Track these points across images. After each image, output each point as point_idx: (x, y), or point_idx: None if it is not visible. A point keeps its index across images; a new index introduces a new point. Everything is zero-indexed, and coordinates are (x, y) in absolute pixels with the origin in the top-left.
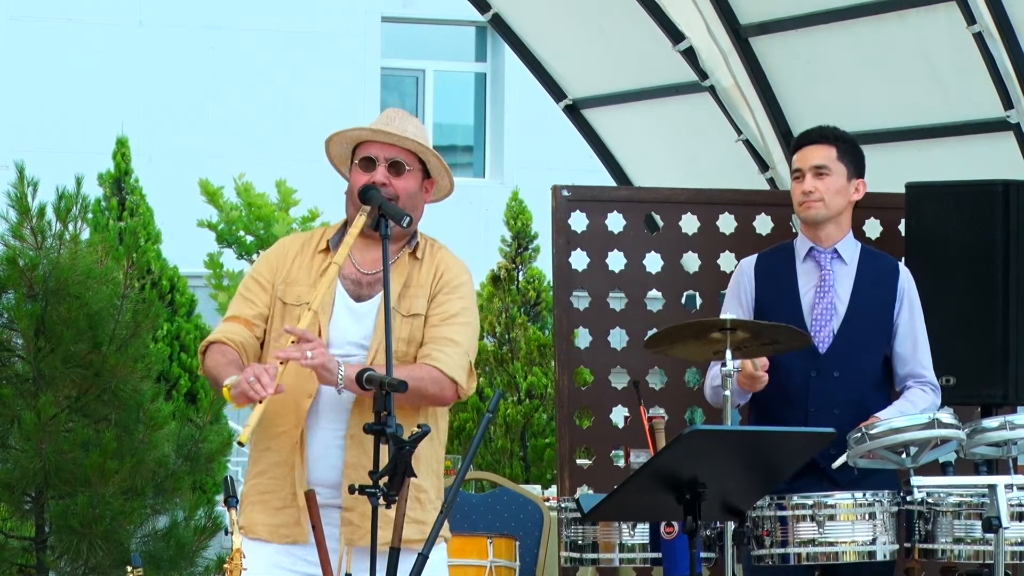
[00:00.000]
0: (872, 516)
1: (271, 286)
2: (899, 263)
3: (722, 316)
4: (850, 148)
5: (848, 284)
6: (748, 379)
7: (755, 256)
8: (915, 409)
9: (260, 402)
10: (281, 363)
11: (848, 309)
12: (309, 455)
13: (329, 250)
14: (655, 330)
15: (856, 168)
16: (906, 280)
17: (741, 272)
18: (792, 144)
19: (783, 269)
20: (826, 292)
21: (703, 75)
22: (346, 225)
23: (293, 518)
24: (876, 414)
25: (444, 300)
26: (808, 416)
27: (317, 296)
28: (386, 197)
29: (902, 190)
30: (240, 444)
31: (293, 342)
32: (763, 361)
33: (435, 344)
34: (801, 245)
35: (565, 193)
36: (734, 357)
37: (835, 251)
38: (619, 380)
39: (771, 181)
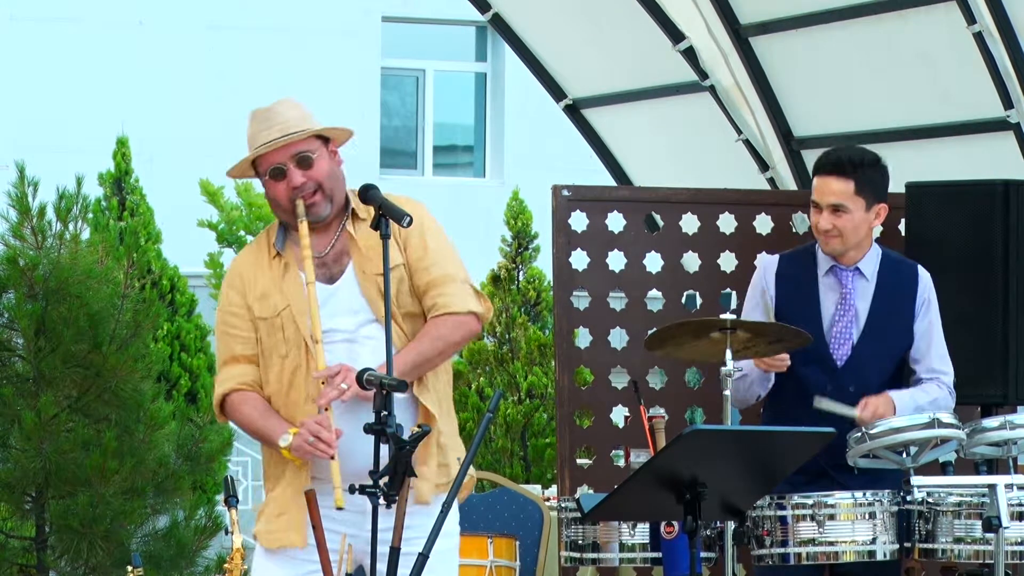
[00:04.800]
0: (872, 516)
1: (246, 311)
2: (918, 267)
3: (744, 317)
4: (871, 176)
5: (868, 299)
6: (766, 363)
7: (776, 256)
8: (927, 397)
9: (332, 458)
10: (326, 409)
11: (867, 324)
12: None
13: (280, 255)
14: (655, 329)
15: (876, 194)
16: (925, 287)
17: (762, 273)
18: (813, 165)
19: (805, 277)
20: (847, 310)
21: (703, 75)
22: (283, 225)
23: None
24: (889, 392)
25: (416, 243)
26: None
27: (314, 324)
28: (309, 191)
29: (902, 190)
30: (338, 508)
31: (322, 383)
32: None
33: (435, 289)
34: (824, 259)
35: (565, 193)
36: (743, 357)
37: (857, 268)
38: (619, 380)
39: (771, 181)
